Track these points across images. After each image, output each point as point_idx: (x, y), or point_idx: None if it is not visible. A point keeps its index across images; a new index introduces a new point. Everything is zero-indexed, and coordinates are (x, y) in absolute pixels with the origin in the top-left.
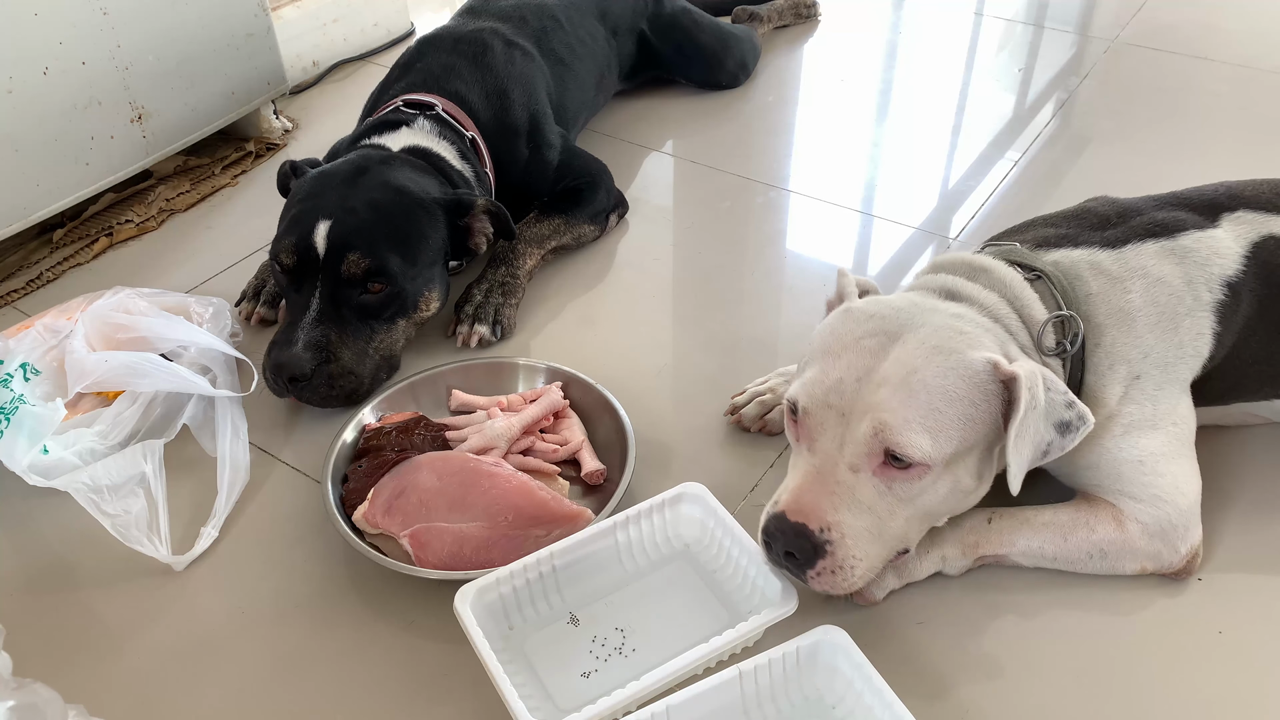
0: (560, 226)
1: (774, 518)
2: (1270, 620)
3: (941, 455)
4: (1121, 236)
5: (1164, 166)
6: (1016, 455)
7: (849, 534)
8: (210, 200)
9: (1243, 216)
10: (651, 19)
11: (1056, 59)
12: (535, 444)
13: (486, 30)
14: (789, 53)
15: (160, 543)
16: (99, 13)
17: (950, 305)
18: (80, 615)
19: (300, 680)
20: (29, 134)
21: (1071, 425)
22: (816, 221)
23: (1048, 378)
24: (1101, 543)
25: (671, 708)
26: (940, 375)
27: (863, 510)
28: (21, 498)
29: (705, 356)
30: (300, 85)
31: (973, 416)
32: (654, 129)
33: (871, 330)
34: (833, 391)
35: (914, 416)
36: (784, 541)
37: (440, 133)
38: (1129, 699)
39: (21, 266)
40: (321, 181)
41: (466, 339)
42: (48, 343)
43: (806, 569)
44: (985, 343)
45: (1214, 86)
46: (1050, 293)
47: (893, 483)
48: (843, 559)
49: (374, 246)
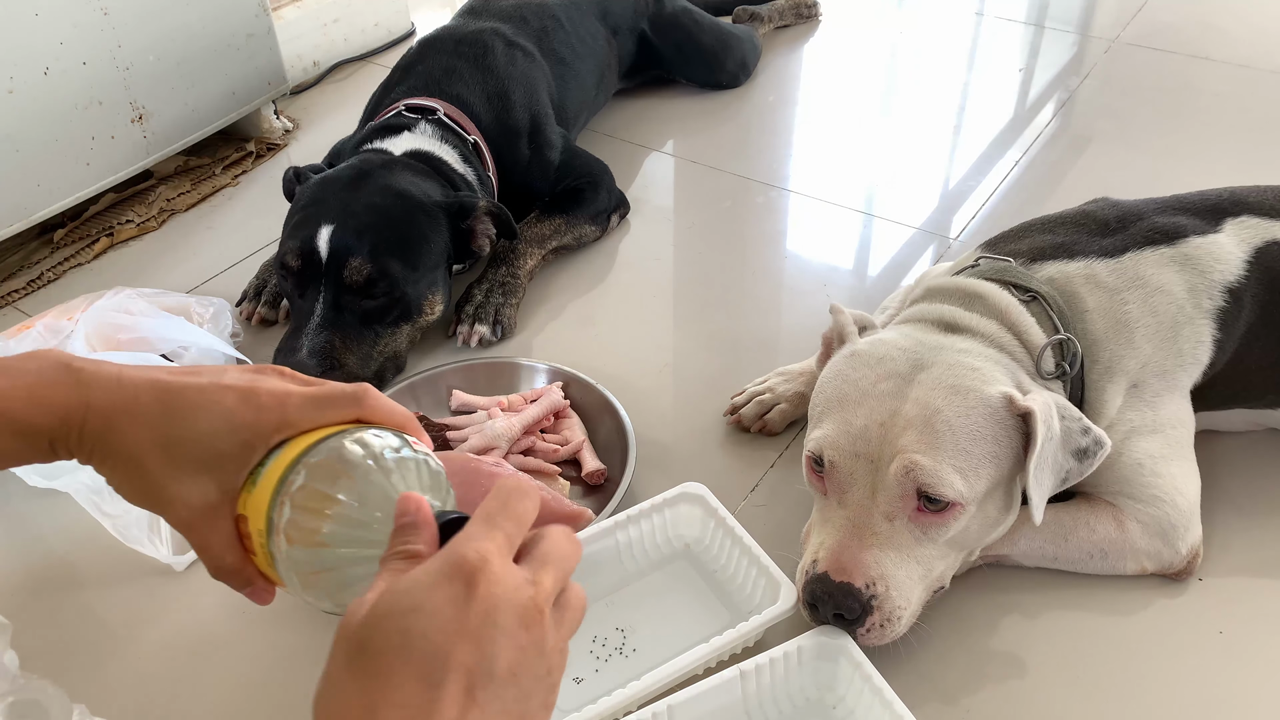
0: (561, 226)
1: (817, 580)
2: (1270, 620)
3: (974, 494)
4: (1120, 245)
5: (1165, 167)
6: (1038, 486)
7: (893, 585)
8: (211, 200)
9: (1246, 221)
10: (652, 19)
11: (1056, 59)
12: (536, 444)
13: (487, 31)
14: (789, 53)
15: (161, 543)
16: (99, 13)
17: (955, 340)
18: (80, 616)
19: (300, 680)
20: (30, 134)
21: (1089, 451)
22: (816, 221)
23: (1061, 405)
24: (1102, 543)
25: (673, 707)
26: (962, 415)
27: (903, 559)
28: (22, 498)
29: (705, 356)
30: (301, 85)
31: (998, 453)
32: (654, 129)
33: (884, 374)
34: (859, 440)
35: (944, 459)
36: (832, 605)
37: (442, 137)
38: (1129, 699)
39: (22, 267)
40: (324, 187)
41: (467, 338)
42: (48, 343)
43: (856, 627)
44: (998, 377)
45: (1215, 86)
46: (1046, 314)
47: (928, 527)
48: (890, 612)
49: (377, 252)
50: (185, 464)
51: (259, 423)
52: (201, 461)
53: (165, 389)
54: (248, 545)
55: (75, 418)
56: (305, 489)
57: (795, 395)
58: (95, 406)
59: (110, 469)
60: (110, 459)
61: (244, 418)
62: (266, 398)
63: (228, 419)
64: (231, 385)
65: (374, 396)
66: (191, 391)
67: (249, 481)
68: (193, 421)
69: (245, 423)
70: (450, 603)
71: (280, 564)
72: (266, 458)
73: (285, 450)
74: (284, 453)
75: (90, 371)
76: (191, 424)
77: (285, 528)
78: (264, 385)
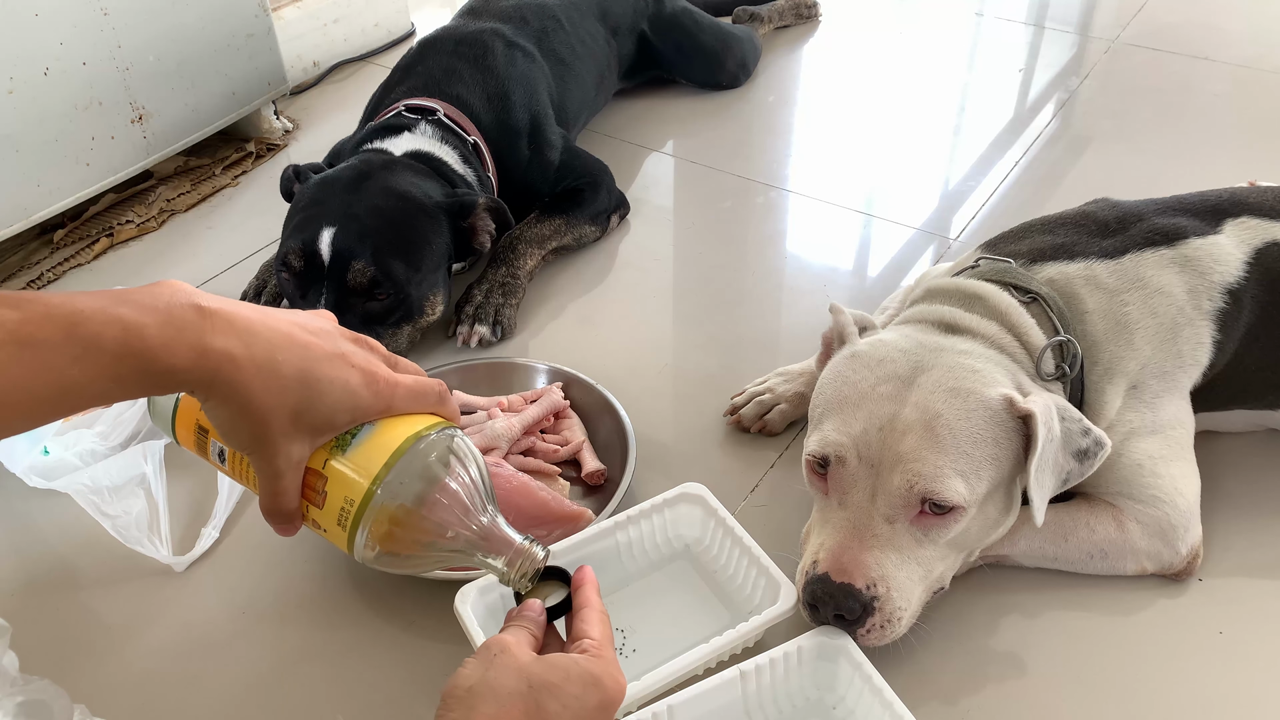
0: (561, 227)
1: (818, 581)
2: (1270, 621)
3: (976, 497)
4: (1120, 246)
5: (1165, 167)
6: (1039, 488)
7: (894, 586)
8: (211, 201)
9: (1246, 222)
10: (652, 19)
11: (1056, 59)
12: (536, 444)
13: (487, 31)
14: (789, 53)
15: (161, 543)
16: (99, 13)
17: (955, 341)
18: (81, 616)
19: (300, 680)
20: (29, 134)
21: (1089, 452)
22: (816, 221)
23: (1062, 407)
24: (1102, 543)
25: (673, 707)
26: (963, 418)
27: (903, 560)
28: (22, 499)
29: (705, 356)
30: (301, 85)
31: (998, 455)
32: (654, 129)
33: (884, 376)
34: (859, 443)
35: (946, 463)
36: (833, 605)
37: (442, 137)
38: (1129, 699)
39: (22, 267)
40: (325, 188)
41: (467, 339)
42: None
43: (857, 628)
44: (998, 378)
45: (1215, 87)
46: (1046, 315)
47: (929, 529)
48: (890, 612)
49: (380, 254)
50: (304, 427)
51: (373, 406)
52: (317, 427)
53: (303, 354)
54: (308, 494)
55: (209, 363)
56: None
57: (795, 395)
58: (232, 356)
59: (229, 412)
60: (234, 405)
61: (363, 400)
62: (383, 384)
63: (351, 398)
64: (355, 365)
65: (449, 393)
66: (324, 364)
67: (337, 443)
68: (323, 395)
69: (364, 404)
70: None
71: (362, 533)
72: (360, 428)
73: (386, 429)
74: (386, 431)
75: (225, 316)
76: (322, 398)
77: (379, 510)
78: (379, 370)
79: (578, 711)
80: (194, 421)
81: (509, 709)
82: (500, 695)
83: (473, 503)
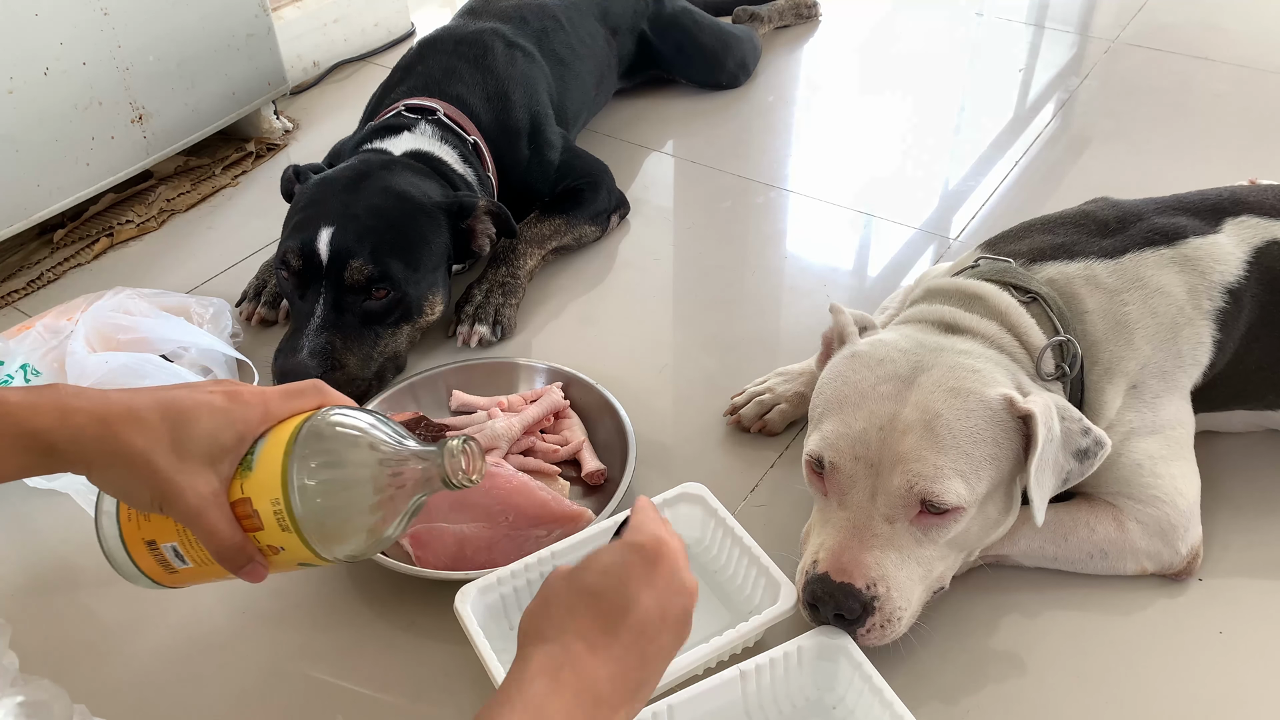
0: (561, 227)
1: (817, 580)
2: (1270, 621)
3: (975, 497)
4: (1120, 245)
5: (1165, 167)
6: (1039, 488)
7: (893, 586)
8: (211, 201)
9: (1246, 221)
10: (652, 19)
11: (1056, 59)
12: (536, 444)
13: (487, 31)
14: (789, 53)
15: None
16: (99, 13)
17: (955, 341)
18: (80, 616)
19: (300, 680)
20: (29, 134)
21: (1089, 451)
22: (816, 221)
23: (1061, 407)
24: (1102, 543)
25: (673, 707)
26: (962, 418)
27: (903, 560)
28: (21, 498)
29: (705, 356)
30: (301, 85)
31: (998, 455)
32: (654, 129)
33: (884, 376)
34: (859, 443)
35: (945, 463)
36: (833, 605)
37: (442, 137)
38: (1129, 699)
39: (22, 267)
40: (324, 187)
41: (467, 339)
42: (48, 343)
43: (857, 628)
44: (998, 378)
45: (1215, 86)
46: (1046, 315)
47: (929, 529)
48: (890, 612)
49: (377, 253)
50: (192, 459)
51: (248, 417)
52: (206, 455)
53: (157, 395)
54: (247, 524)
55: (74, 421)
56: (314, 449)
57: (795, 395)
58: (92, 411)
59: (115, 471)
60: (114, 458)
61: (237, 412)
62: (249, 395)
63: (224, 415)
64: (216, 390)
65: (328, 387)
66: (181, 395)
67: (242, 468)
68: (194, 422)
69: (239, 416)
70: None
71: (301, 520)
72: (254, 446)
73: (275, 432)
74: (276, 434)
75: (78, 388)
76: (194, 424)
77: (300, 488)
78: (240, 387)
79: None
80: (140, 541)
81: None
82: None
83: (376, 444)
